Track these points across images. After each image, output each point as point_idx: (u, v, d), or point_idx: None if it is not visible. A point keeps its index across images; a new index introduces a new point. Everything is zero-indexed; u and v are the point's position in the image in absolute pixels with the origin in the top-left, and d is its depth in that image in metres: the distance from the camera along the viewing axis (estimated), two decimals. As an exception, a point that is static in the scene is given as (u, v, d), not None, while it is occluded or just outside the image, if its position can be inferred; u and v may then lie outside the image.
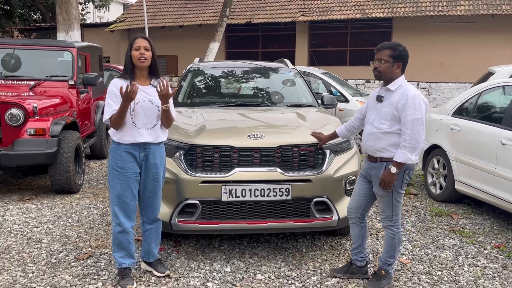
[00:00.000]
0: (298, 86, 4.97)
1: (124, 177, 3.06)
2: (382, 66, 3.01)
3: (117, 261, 3.17)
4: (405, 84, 3.01)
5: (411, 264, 3.58)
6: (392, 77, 3.02)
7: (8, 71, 6.33)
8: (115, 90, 3.01)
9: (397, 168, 2.93)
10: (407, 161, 2.92)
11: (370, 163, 3.13)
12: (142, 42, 3.04)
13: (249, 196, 3.39)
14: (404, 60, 3.01)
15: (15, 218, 4.55)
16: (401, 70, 3.03)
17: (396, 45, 3.01)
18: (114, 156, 3.09)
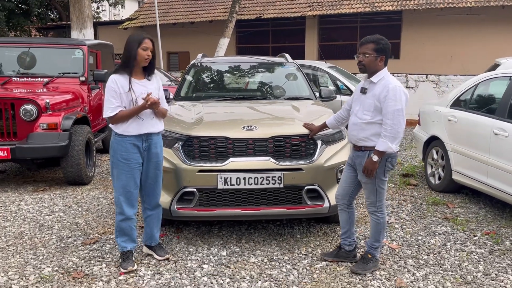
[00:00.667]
0: (297, 79, 5.12)
1: (129, 168, 3.24)
2: (366, 60, 3.16)
3: (119, 245, 3.39)
4: (387, 76, 3.16)
5: (399, 249, 3.73)
6: (375, 69, 3.17)
7: (24, 68, 6.64)
8: (115, 87, 3.17)
9: (378, 156, 3.09)
10: (387, 149, 3.07)
11: (355, 152, 3.30)
12: (150, 43, 3.23)
13: (244, 184, 3.58)
14: (386, 53, 3.15)
15: (29, 207, 4.84)
16: (384, 62, 3.17)
17: (379, 38, 3.15)
18: (118, 148, 3.23)
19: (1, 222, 4.38)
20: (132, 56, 3.18)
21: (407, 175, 6.32)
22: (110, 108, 3.17)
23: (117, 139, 3.25)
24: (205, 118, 3.96)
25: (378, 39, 3.16)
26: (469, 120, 4.98)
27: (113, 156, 3.28)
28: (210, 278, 3.21)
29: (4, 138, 5.41)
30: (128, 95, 3.20)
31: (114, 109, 3.17)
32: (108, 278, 3.20)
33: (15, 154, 5.27)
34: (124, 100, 3.20)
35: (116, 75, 3.22)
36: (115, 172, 3.28)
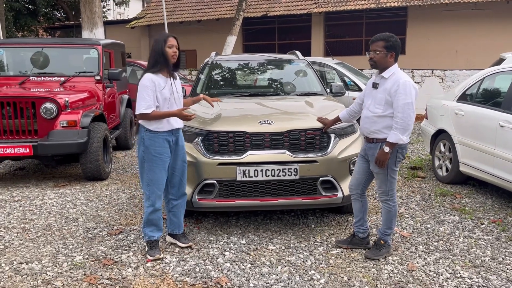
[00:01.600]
0: (308, 76, 5.30)
1: (162, 162, 3.44)
2: (377, 57, 3.33)
3: (146, 235, 3.56)
4: (397, 71, 3.33)
5: (410, 237, 3.91)
6: (386, 66, 3.34)
7: (38, 68, 6.85)
8: (150, 86, 3.31)
9: (390, 147, 3.27)
10: (398, 141, 3.25)
11: (367, 144, 3.47)
12: (175, 41, 3.40)
13: (261, 176, 3.77)
14: (396, 50, 3.33)
15: (52, 201, 5.05)
16: (394, 59, 3.35)
17: (389, 36, 3.32)
18: (152, 144, 3.39)
19: (29, 215, 4.59)
20: (161, 55, 3.34)
21: (415, 167, 6.48)
22: (144, 106, 3.30)
23: (150, 135, 3.40)
24: (223, 113, 4.14)
25: (388, 37, 3.33)
26: (475, 113, 5.14)
27: (145, 151, 3.41)
28: (232, 264, 3.40)
29: (25, 135, 5.63)
30: (162, 93, 3.36)
31: (149, 107, 3.31)
32: (137, 265, 3.40)
33: (37, 150, 5.49)
34: (159, 98, 3.36)
35: (150, 74, 3.35)
36: (147, 166, 3.43)
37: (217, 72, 5.58)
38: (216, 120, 4.02)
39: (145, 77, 3.34)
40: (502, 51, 9.34)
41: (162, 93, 3.37)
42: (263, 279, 3.17)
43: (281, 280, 3.16)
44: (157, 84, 3.34)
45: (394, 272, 3.27)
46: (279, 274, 3.24)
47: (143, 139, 3.41)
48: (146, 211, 3.52)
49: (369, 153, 3.45)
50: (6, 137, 5.58)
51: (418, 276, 3.21)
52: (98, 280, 3.18)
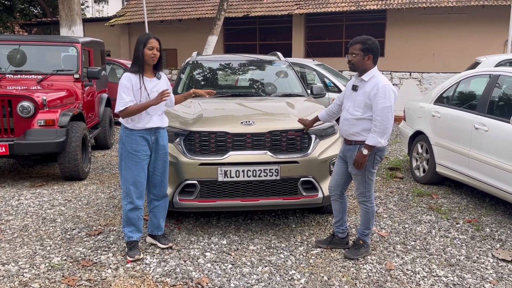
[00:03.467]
0: (289, 77, 5.34)
1: (139, 159, 3.45)
2: (354, 59, 3.39)
3: (126, 235, 3.55)
4: (377, 75, 3.38)
5: (388, 236, 3.99)
6: (364, 68, 3.39)
7: (14, 65, 6.69)
8: (127, 84, 3.38)
9: (368, 150, 3.31)
10: (377, 144, 3.30)
11: (346, 146, 3.53)
12: (155, 43, 3.44)
13: (243, 176, 3.78)
14: (374, 52, 3.37)
15: (29, 202, 4.96)
16: (373, 61, 3.40)
17: (366, 39, 3.38)
18: (128, 141, 3.44)
19: (4, 216, 4.49)
20: (140, 56, 3.40)
21: (393, 168, 6.60)
22: (121, 103, 3.37)
23: (127, 132, 3.45)
24: (205, 114, 4.14)
25: (365, 40, 3.38)
26: (451, 116, 5.27)
27: (123, 148, 3.46)
28: (213, 265, 3.40)
29: (1, 134, 5.50)
30: (140, 92, 3.41)
31: (125, 103, 3.36)
32: (116, 266, 3.37)
33: (13, 150, 5.37)
34: (137, 97, 3.41)
35: (129, 73, 3.44)
36: (124, 164, 3.46)
37: (198, 72, 5.56)
38: (197, 120, 4.01)
39: (124, 76, 3.43)
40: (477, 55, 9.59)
41: (140, 92, 3.40)
42: (244, 279, 3.19)
43: (261, 280, 3.18)
44: (134, 83, 3.40)
45: (372, 271, 3.33)
46: (260, 274, 3.26)
47: (121, 136, 3.48)
48: (124, 209, 3.52)
49: (348, 155, 3.50)
50: (-19, 136, 5.44)
51: (396, 275, 3.28)
52: (77, 281, 3.14)
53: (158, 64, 3.54)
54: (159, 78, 3.57)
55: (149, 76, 3.50)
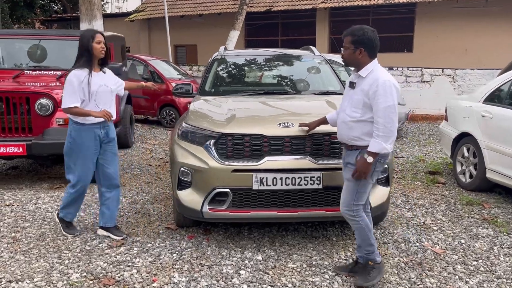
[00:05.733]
0: (325, 73, 4.90)
1: (88, 153, 3.58)
2: (344, 53, 2.96)
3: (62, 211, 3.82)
4: (376, 69, 2.88)
5: (444, 254, 3.53)
6: (358, 63, 2.92)
7: (34, 61, 6.41)
8: (75, 81, 3.44)
9: (372, 157, 2.83)
10: (381, 150, 2.81)
11: (346, 151, 3.05)
12: (102, 37, 3.56)
13: (280, 184, 3.38)
14: (366, 44, 2.87)
15: (47, 206, 4.65)
16: (368, 55, 2.89)
17: (356, 30, 2.91)
18: (78, 136, 3.54)
19: (20, 222, 4.19)
20: (90, 50, 3.47)
21: (433, 172, 6.11)
22: (69, 100, 3.44)
23: (76, 127, 3.54)
24: (237, 114, 3.74)
25: (354, 31, 2.91)
26: (507, 116, 4.76)
27: (72, 142, 3.57)
28: (250, 286, 3.01)
29: (19, 133, 5.21)
30: (87, 88, 3.46)
31: (73, 102, 3.44)
32: (141, 286, 3.01)
33: (31, 150, 5.07)
34: (85, 93, 3.47)
35: (76, 70, 3.48)
36: (73, 158, 3.60)
37: (226, 68, 5.16)
38: (229, 121, 3.62)
39: (71, 73, 3.47)
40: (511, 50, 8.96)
41: (87, 88, 3.46)
42: (286, 305, 2.79)
43: (306, 306, 2.77)
44: (82, 79, 3.45)
45: (433, 297, 2.89)
46: (304, 299, 2.86)
47: (70, 131, 3.57)
48: (68, 195, 3.71)
49: (347, 160, 3.01)
50: (-3, 135, 5.16)
51: (461, 303, 2.83)
52: (98, 304, 2.79)
53: (105, 59, 3.63)
54: (105, 73, 3.66)
55: (96, 70, 3.58)
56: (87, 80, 3.46)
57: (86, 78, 3.46)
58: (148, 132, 9.78)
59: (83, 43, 3.49)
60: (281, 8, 15.34)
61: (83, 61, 3.49)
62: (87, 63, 3.49)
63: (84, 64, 3.49)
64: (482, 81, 10.80)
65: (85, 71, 3.47)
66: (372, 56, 2.91)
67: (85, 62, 3.49)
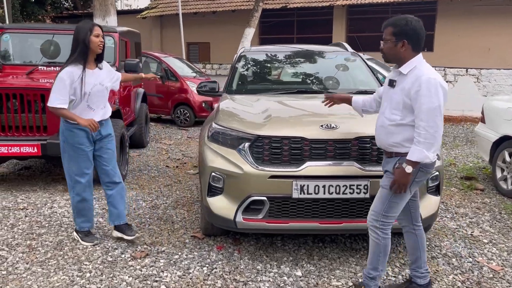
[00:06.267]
0: (360, 70, 4.57)
1: (83, 152, 3.39)
2: (384, 47, 2.62)
3: (78, 225, 3.58)
4: (420, 65, 2.54)
5: (504, 272, 3.19)
6: (400, 57, 2.58)
7: (47, 57, 6.13)
8: (67, 80, 3.19)
9: (412, 167, 2.49)
10: (423, 159, 2.47)
11: (386, 158, 2.72)
12: (100, 31, 3.33)
13: (323, 193, 3.06)
14: (409, 36, 2.53)
15: (63, 211, 4.36)
16: (413, 48, 2.55)
17: (398, 19, 2.57)
18: (70, 135, 3.34)
19: (36, 228, 3.90)
20: (87, 44, 3.22)
21: (469, 177, 5.75)
22: (59, 100, 3.20)
23: (67, 126, 3.34)
24: (273, 114, 3.42)
25: (396, 21, 2.57)
26: (558, 119, 4.40)
27: (65, 142, 3.38)
28: (294, 307, 2.69)
29: (33, 132, 4.93)
30: (79, 88, 3.23)
31: (63, 102, 3.21)
32: (172, 305, 2.70)
33: (46, 150, 4.79)
34: (76, 93, 3.24)
35: (69, 67, 3.22)
36: (67, 156, 3.41)
37: (254, 65, 4.84)
38: (266, 122, 3.29)
39: (64, 70, 3.23)
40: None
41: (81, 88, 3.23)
42: (337, 331, 2.47)
43: (360, 333, 2.45)
44: (75, 79, 3.22)
45: (502, 324, 2.56)
46: (356, 324, 2.53)
47: (63, 130, 3.38)
48: (72, 201, 3.51)
49: (386, 168, 2.69)
50: (11, 134, 4.89)
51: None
52: (125, 326, 2.48)
53: (101, 54, 3.40)
54: (101, 69, 3.43)
55: (91, 67, 3.36)
56: (81, 79, 3.23)
57: (79, 77, 3.23)
58: (162, 132, 9.50)
59: (80, 35, 3.24)
60: (297, 5, 14.98)
61: (77, 56, 3.25)
62: (82, 58, 3.26)
63: (78, 59, 3.25)
64: (509, 82, 10.39)
65: (79, 68, 3.24)
66: (416, 50, 2.57)
67: (80, 56, 3.25)
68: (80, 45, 3.24)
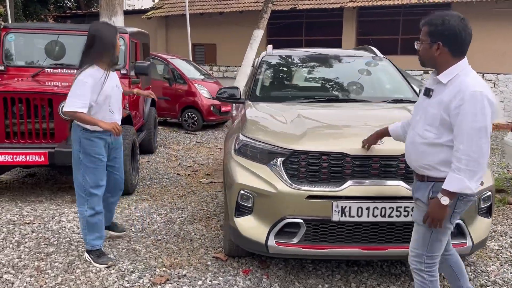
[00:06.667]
0: (393, 77, 4.25)
1: (101, 162, 3.21)
2: (420, 49, 2.22)
3: (89, 244, 3.25)
4: (464, 74, 2.12)
5: None
6: (436, 62, 2.17)
7: (52, 58, 5.81)
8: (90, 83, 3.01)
9: (450, 198, 2.08)
10: (462, 190, 2.06)
11: (417, 182, 2.31)
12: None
13: (366, 216, 2.75)
14: (445, 38, 2.11)
15: (72, 225, 4.05)
16: (451, 53, 2.13)
17: (435, 17, 2.16)
18: (90, 144, 3.14)
19: (44, 246, 3.59)
20: (113, 47, 3.14)
21: (499, 190, 5.43)
22: (78, 103, 3.00)
23: (86, 134, 3.14)
24: (309, 126, 3.11)
25: (432, 19, 2.16)
26: None
27: (81, 151, 3.16)
28: None
29: (40, 139, 4.62)
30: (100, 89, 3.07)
31: (84, 106, 3.01)
32: None
33: (54, 159, 4.47)
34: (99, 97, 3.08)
35: (91, 69, 3.07)
36: (83, 167, 3.17)
37: (279, 69, 4.53)
38: (301, 135, 2.98)
39: (86, 72, 3.06)
40: None
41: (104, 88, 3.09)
42: None
43: None
44: (98, 81, 3.07)
45: None
46: None
47: (80, 139, 3.16)
48: (84, 215, 3.22)
49: (417, 195, 2.28)
50: (16, 141, 4.58)
51: None
52: None
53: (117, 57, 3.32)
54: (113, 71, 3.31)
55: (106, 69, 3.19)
56: (103, 82, 3.09)
57: (101, 79, 3.09)
58: (170, 136, 9.19)
59: (107, 37, 3.10)
60: (307, 7, 14.67)
61: (103, 58, 3.11)
62: (107, 60, 3.14)
63: (105, 62, 3.13)
64: (527, 88, 10.08)
65: (98, 70, 3.11)
66: (457, 54, 2.14)
67: (106, 58, 3.13)
68: (106, 47, 3.10)
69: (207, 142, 8.58)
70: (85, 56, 3.15)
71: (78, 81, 3.03)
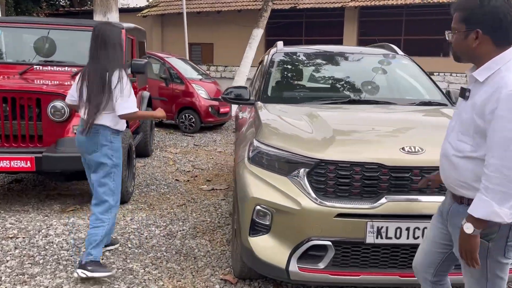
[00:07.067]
0: (418, 77, 3.87)
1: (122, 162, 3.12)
2: (453, 40, 1.80)
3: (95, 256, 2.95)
4: (507, 69, 1.66)
5: None
6: (474, 55, 1.75)
7: (41, 55, 5.36)
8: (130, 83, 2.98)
9: (476, 227, 1.64)
10: (491, 217, 1.60)
11: (453, 204, 1.87)
12: None
13: (406, 237, 2.36)
14: (485, 23, 1.68)
15: (61, 240, 3.61)
16: (494, 41, 1.69)
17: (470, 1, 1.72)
18: (117, 149, 3.02)
19: (27, 266, 3.14)
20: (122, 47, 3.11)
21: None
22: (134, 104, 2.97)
23: (116, 138, 3.03)
24: (336, 132, 2.70)
25: (467, 1, 1.74)
26: None
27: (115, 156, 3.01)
28: None
29: (26, 143, 4.18)
30: None
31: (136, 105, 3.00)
32: None
33: (41, 165, 4.04)
34: None
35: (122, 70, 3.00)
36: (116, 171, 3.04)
37: (292, 68, 4.13)
38: (329, 142, 2.57)
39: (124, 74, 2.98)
40: None
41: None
42: None
43: None
44: None
45: None
46: None
47: (111, 142, 2.99)
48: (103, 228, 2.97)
49: (454, 222, 1.84)
50: (0, 145, 4.13)
51: None
52: None
53: None
54: None
55: None
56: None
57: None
58: (167, 138, 8.76)
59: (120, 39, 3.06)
60: (307, 6, 14.34)
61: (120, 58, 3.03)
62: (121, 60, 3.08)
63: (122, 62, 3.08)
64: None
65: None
66: (502, 44, 1.70)
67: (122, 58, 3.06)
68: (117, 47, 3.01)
69: (206, 145, 8.17)
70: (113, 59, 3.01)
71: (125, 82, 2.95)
